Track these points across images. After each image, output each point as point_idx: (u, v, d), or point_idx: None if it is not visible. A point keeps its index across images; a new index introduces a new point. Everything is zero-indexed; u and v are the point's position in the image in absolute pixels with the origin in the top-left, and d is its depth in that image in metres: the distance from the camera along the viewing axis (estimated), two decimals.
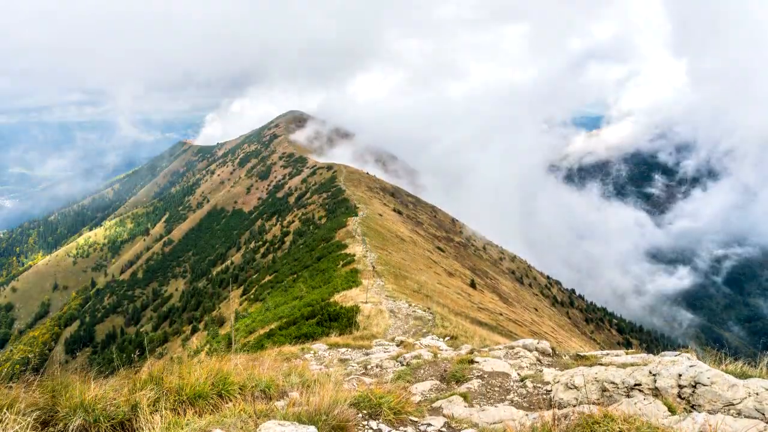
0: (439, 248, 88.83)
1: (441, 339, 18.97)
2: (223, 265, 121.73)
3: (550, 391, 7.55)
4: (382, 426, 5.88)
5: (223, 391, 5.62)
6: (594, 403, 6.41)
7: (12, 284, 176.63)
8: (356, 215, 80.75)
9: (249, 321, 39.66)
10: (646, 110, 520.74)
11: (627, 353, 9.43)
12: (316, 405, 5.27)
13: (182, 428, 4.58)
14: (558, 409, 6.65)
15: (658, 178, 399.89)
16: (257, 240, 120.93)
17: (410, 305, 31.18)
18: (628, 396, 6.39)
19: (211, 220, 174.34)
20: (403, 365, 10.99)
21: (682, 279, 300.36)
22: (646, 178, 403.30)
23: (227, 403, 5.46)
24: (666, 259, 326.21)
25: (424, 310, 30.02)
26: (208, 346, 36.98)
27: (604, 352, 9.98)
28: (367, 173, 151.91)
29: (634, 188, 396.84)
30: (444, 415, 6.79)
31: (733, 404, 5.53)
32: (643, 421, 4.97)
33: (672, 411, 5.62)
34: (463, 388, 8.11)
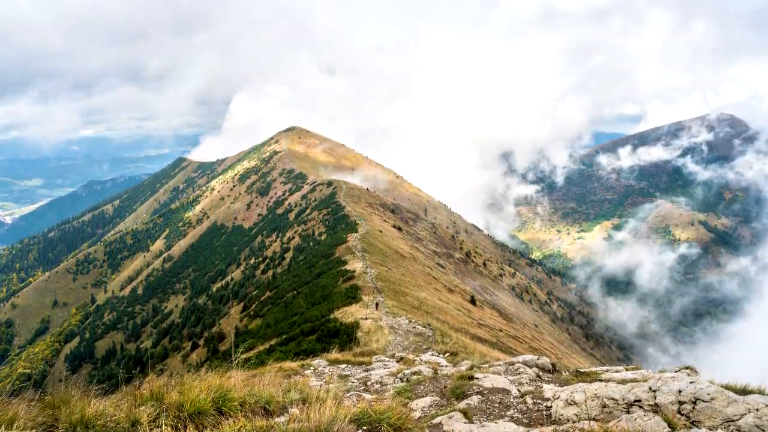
0: (439, 264, 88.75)
1: (441, 355, 18.92)
2: (223, 282, 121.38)
3: (550, 407, 7.54)
4: None
5: (223, 408, 5.62)
6: (594, 419, 6.40)
7: (12, 300, 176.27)
8: (356, 231, 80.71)
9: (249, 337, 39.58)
10: None
11: (627, 369, 9.41)
12: (316, 421, 5.27)
13: None
14: (558, 425, 6.65)
15: None
16: (257, 256, 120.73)
17: (410, 321, 31.15)
18: (628, 412, 6.38)
19: (211, 237, 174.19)
20: (403, 381, 10.97)
21: None
22: None
23: (227, 419, 5.45)
24: None
25: (424, 326, 29.98)
26: (208, 362, 36.82)
27: (604, 368, 9.97)
28: (367, 189, 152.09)
29: None
30: (444, 431, 6.78)
31: (733, 420, 5.53)
32: None
33: (672, 427, 5.62)
34: (463, 404, 8.09)
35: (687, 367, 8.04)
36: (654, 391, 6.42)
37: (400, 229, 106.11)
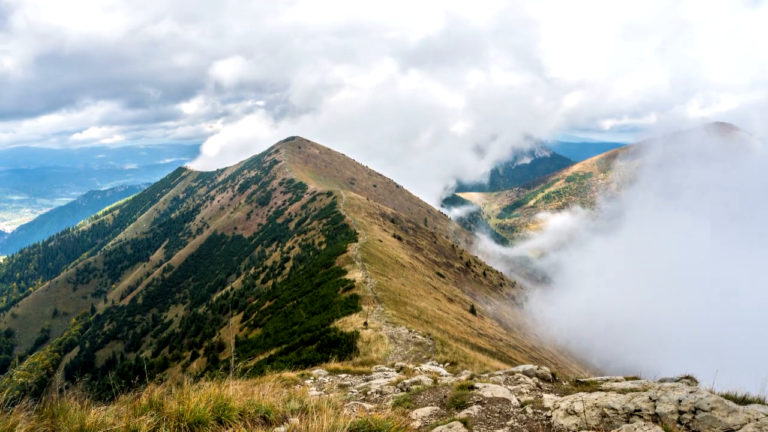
0: (439, 274, 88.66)
1: (441, 365, 18.88)
2: (223, 291, 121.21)
3: (550, 417, 7.52)
4: None
5: (223, 417, 5.61)
6: (594, 429, 6.39)
7: (12, 310, 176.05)
8: (356, 241, 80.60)
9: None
10: None
11: (627, 379, 9.40)
12: (316, 431, 5.26)
13: None
14: None
15: None
16: (257, 266, 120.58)
17: (410, 331, 31.07)
18: (628, 422, 6.36)
19: (211, 246, 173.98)
20: (402, 391, 10.94)
21: None
22: None
23: (227, 429, 5.44)
24: None
25: (424, 336, 29.91)
26: (208, 371, 36.73)
27: (605, 377, 9.94)
28: (367, 199, 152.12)
29: None
30: None
31: (733, 430, 5.52)
32: None
33: None
34: (462, 414, 8.07)
35: (687, 377, 8.04)
36: (654, 400, 6.41)
37: (400, 238, 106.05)
